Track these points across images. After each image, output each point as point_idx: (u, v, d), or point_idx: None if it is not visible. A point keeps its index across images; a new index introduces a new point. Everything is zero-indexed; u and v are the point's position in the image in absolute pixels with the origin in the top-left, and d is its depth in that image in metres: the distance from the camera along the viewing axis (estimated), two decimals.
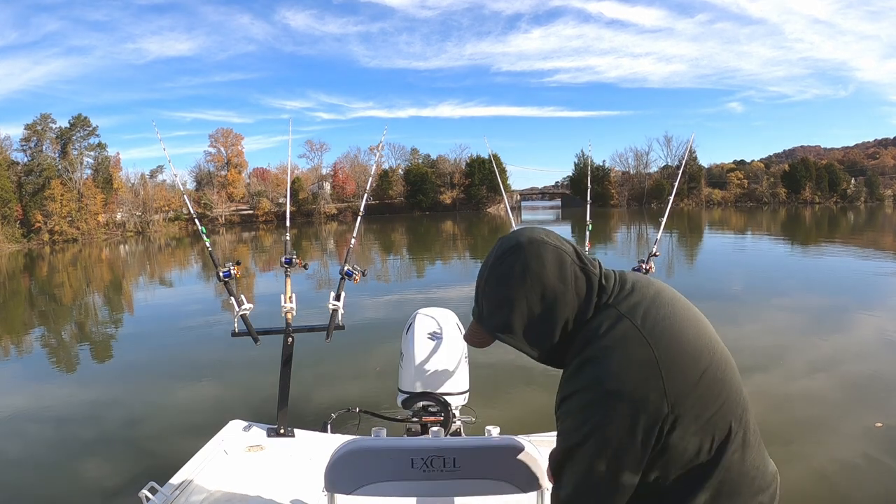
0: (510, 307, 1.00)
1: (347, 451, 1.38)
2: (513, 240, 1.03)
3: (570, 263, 1.00)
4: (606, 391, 0.91)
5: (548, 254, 1.00)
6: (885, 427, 4.09)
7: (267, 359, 4.09)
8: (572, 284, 1.00)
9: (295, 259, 2.84)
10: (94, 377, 6.99)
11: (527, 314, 1.00)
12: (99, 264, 27.35)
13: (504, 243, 1.03)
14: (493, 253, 1.04)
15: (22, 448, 4.63)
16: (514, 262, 1.00)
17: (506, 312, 1.00)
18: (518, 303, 0.99)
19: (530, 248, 1.00)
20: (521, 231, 1.05)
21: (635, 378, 0.91)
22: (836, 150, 73.61)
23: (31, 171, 47.45)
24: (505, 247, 1.02)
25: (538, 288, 0.98)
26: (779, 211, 49.68)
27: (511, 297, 0.99)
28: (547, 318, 0.99)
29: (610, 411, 0.91)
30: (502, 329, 1.02)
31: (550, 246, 1.01)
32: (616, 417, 0.91)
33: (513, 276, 0.99)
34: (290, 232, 3.04)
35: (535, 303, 0.99)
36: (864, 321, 7.76)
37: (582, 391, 0.94)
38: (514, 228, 1.13)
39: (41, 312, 13.24)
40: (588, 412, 0.93)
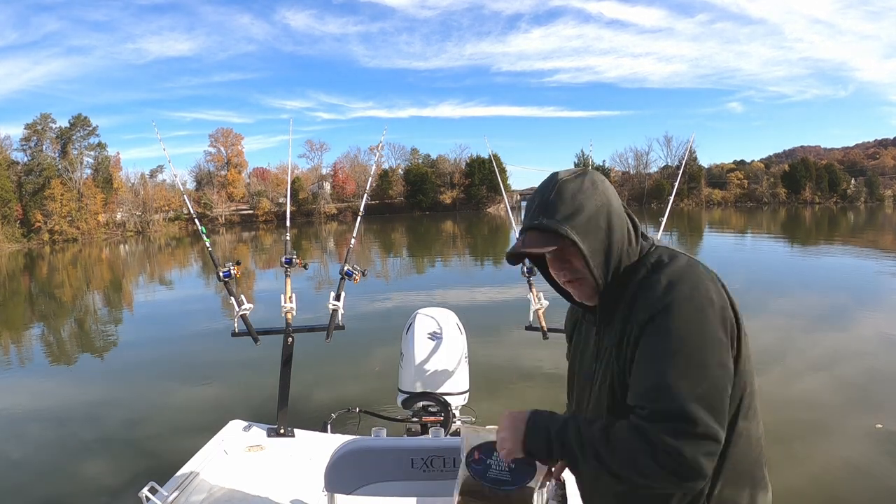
0: (583, 210, 1.03)
1: (347, 451, 1.38)
2: (577, 169, 1.10)
3: (622, 203, 1.10)
4: (703, 299, 0.97)
5: (608, 183, 1.09)
6: (885, 429, 4.08)
7: (267, 359, 4.09)
8: (626, 216, 1.08)
9: (295, 259, 2.84)
10: (94, 377, 6.99)
11: (595, 220, 1.03)
12: (99, 264, 27.35)
13: (568, 170, 1.10)
14: (559, 175, 1.07)
15: (22, 448, 4.63)
16: (584, 178, 1.06)
17: (580, 216, 1.02)
18: (590, 208, 1.03)
19: (594, 173, 1.09)
20: (578, 167, 1.13)
21: (717, 291, 0.99)
22: (836, 151, 73.50)
23: (31, 170, 47.43)
24: (572, 171, 1.09)
25: (604, 200, 1.05)
26: (779, 211, 49.67)
27: (585, 203, 1.03)
28: (614, 230, 1.04)
29: (710, 314, 0.96)
30: (572, 222, 1.02)
31: (608, 182, 1.10)
32: (716, 319, 0.96)
33: (583, 187, 1.05)
34: (290, 232, 3.04)
35: (604, 214, 1.04)
36: (864, 321, 7.76)
37: (677, 303, 0.95)
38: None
39: (41, 312, 13.24)
40: (692, 320, 0.95)
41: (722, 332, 0.96)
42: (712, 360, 0.93)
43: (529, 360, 6.11)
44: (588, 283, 1.06)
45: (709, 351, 0.94)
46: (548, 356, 5.95)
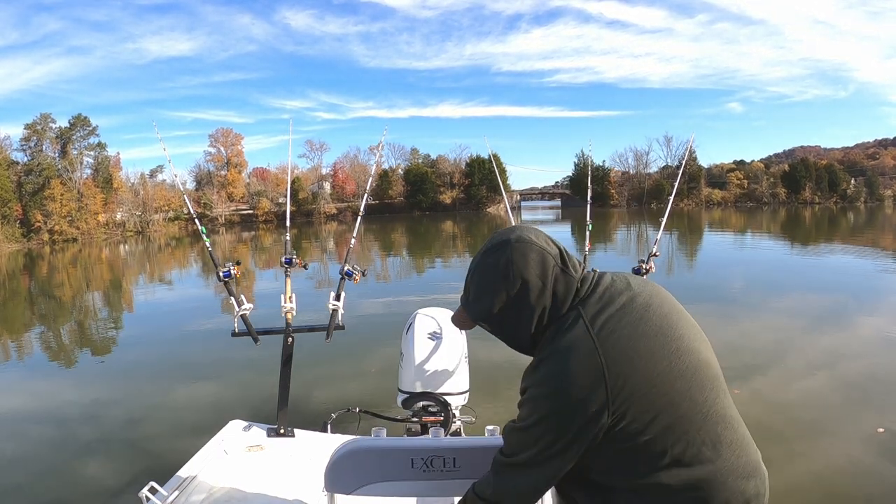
0: (490, 297, 1.10)
1: (347, 451, 1.38)
2: (503, 236, 1.12)
3: (553, 266, 1.09)
4: (553, 389, 1.03)
5: (532, 253, 1.09)
6: (886, 432, 4.08)
7: (267, 359, 4.10)
8: (551, 284, 1.09)
9: (295, 259, 2.84)
10: (94, 377, 6.99)
11: (504, 306, 1.10)
12: (99, 264, 27.35)
13: (494, 238, 1.13)
14: (485, 246, 1.14)
15: (22, 448, 4.63)
16: (500, 256, 1.09)
17: (486, 302, 1.11)
18: (498, 295, 1.09)
19: (517, 246, 1.09)
20: (513, 229, 1.14)
21: (580, 382, 1.01)
22: (835, 151, 73.51)
23: (31, 170, 47.44)
24: (495, 242, 1.12)
25: (517, 283, 1.08)
26: (778, 211, 49.68)
27: (492, 289, 1.10)
28: (522, 311, 1.09)
29: (555, 407, 1.03)
30: (482, 316, 1.13)
31: (536, 247, 1.10)
32: (559, 413, 1.03)
33: (497, 270, 1.09)
34: (290, 232, 3.03)
35: (513, 296, 1.09)
36: (864, 321, 7.77)
37: (534, 386, 1.07)
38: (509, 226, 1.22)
39: (41, 312, 13.24)
40: (538, 404, 1.06)
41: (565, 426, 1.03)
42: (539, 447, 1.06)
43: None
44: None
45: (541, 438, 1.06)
46: None
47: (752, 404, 4.60)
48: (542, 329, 1.11)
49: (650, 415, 1.01)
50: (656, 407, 1.01)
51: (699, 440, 1.02)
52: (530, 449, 1.07)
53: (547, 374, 1.05)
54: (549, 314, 1.10)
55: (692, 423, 1.02)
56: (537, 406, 1.06)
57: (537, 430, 1.06)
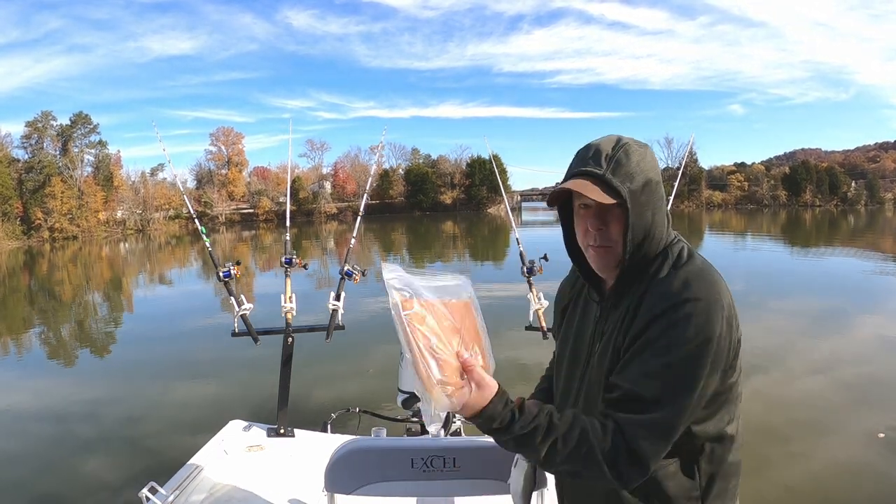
0: (643, 176, 1.02)
1: (347, 451, 1.39)
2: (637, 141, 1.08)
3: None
4: (720, 300, 0.96)
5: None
6: (887, 435, 4.07)
7: (267, 359, 4.09)
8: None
9: (295, 259, 2.84)
10: (94, 376, 6.99)
11: (648, 192, 1.02)
12: (99, 262, 27.35)
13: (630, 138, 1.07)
14: (623, 137, 1.06)
15: (22, 447, 4.63)
16: (647, 149, 1.06)
17: (639, 178, 1.01)
18: (645, 179, 1.02)
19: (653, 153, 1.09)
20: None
21: (729, 299, 0.99)
22: (836, 153, 73.48)
23: (32, 168, 47.44)
24: (632, 139, 1.07)
25: (658, 178, 1.05)
26: (779, 213, 49.67)
27: (646, 171, 1.02)
28: (656, 208, 1.03)
29: (720, 323, 0.94)
30: (632, 186, 1.00)
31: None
32: (725, 330, 0.95)
33: (646, 157, 1.04)
34: (291, 231, 3.04)
35: (656, 189, 1.04)
36: (864, 323, 7.77)
37: (696, 300, 0.94)
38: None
39: (41, 310, 13.24)
40: (705, 317, 0.93)
41: (725, 342, 0.96)
42: (698, 383, 0.93)
43: (529, 360, 6.10)
44: (613, 255, 1.03)
45: (701, 369, 0.93)
46: (548, 356, 5.92)
47: (752, 405, 4.60)
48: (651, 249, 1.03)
49: (737, 369, 1.04)
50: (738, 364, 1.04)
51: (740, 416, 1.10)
52: (697, 382, 0.93)
53: (707, 286, 0.96)
54: (662, 235, 1.05)
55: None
56: (707, 318, 0.93)
57: (704, 356, 0.92)
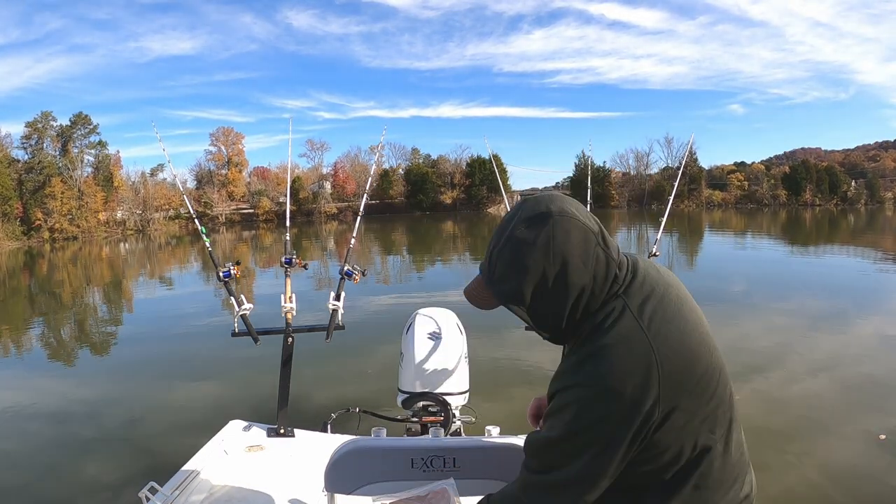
0: (525, 276, 0.95)
1: (347, 451, 1.38)
2: (542, 206, 0.96)
3: (594, 245, 0.96)
4: (605, 388, 0.91)
5: (575, 231, 0.94)
6: (888, 437, 4.07)
7: (267, 359, 4.09)
8: (592, 266, 0.95)
9: (295, 259, 2.84)
10: (94, 376, 6.99)
11: (540, 288, 0.95)
12: (99, 262, 27.35)
13: (532, 207, 0.97)
14: (519, 214, 0.97)
15: (22, 447, 4.63)
16: (539, 230, 0.94)
17: (519, 281, 0.95)
18: (533, 275, 0.94)
19: (560, 220, 0.94)
20: (551, 198, 0.98)
21: (633, 381, 0.90)
22: (836, 153, 73.51)
23: (32, 168, 47.47)
24: (533, 212, 0.96)
25: (558, 263, 0.93)
26: (779, 213, 49.66)
27: (528, 266, 0.94)
28: (560, 296, 0.95)
29: (606, 410, 0.91)
30: (511, 298, 0.98)
31: (579, 223, 0.95)
32: (611, 416, 0.91)
33: (536, 245, 0.93)
34: (291, 231, 3.04)
35: (552, 278, 0.94)
36: (864, 322, 7.77)
37: (580, 386, 0.93)
38: (540, 193, 1.11)
39: (41, 310, 13.24)
40: (585, 407, 0.92)
41: (616, 431, 0.92)
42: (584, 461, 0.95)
43: (529, 360, 6.11)
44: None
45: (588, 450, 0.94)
46: (548, 356, 5.95)
47: (752, 405, 4.60)
48: (579, 317, 0.98)
49: (691, 412, 0.95)
50: (698, 403, 0.96)
51: (719, 436, 0.99)
52: (575, 461, 0.94)
53: (597, 371, 0.92)
54: (587, 301, 0.97)
55: (717, 420, 0.99)
56: (584, 409, 0.92)
57: (585, 438, 0.93)
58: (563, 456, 0.95)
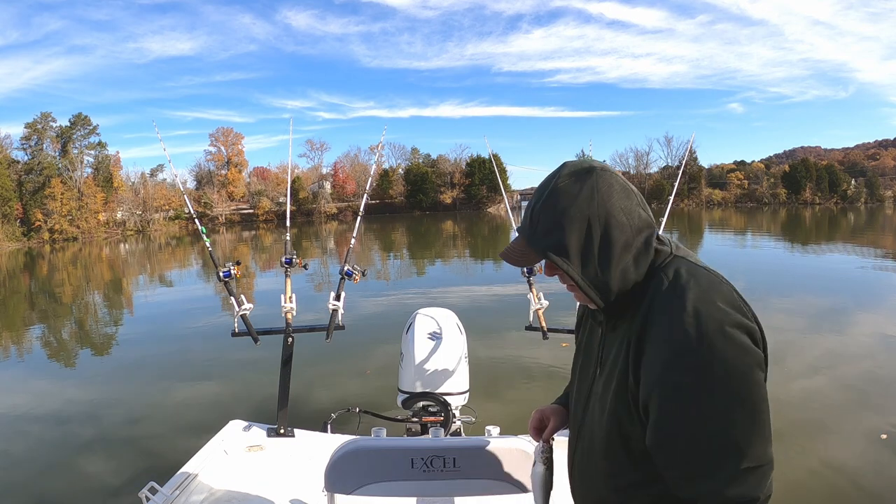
0: (570, 228, 0.93)
1: (347, 451, 1.39)
2: (585, 162, 0.97)
3: (636, 204, 0.96)
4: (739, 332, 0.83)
5: (617, 185, 0.95)
6: (889, 436, 4.07)
7: (267, 359, 4.10)
8: (636, 223, 0.94)
9: (295, 259, 2.84)
10: (94, 376, 6.99)
11: (586, 240, 0.93)
12: (99, 263, 27.35)
13: (576, 164, 0.97)
14: (562, 170, 0.97)
15: (22, 447, 4.63)
16: (583, 182, 0.94)
17: (565, 233, 0.93)
18: (579, 225, 0.92)
19: (603, 174, 0.95)
20: (591, 159, 0.99)
21: (749, 324, 0.85)
22: (836, 151, 73.56)
23: (32, 169, 47.45)
24: (577, 167, 0.96)
25: (603, 215, 0.92)
26: (779, 212, 49.66)
27: (573, 218, 0.93)
28: (607, 249, 0.92)
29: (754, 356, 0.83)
30: (556, 249, 0.94)
31: (622, 179, 0.97)
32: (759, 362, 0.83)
33: (580, 196, 0.93)
34: (291, 231, 3.04)
35: (597, 230, 0.92)
36: (864, 321, 7.77)
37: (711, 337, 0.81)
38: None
39: (41, 311, 13.24)
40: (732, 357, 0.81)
41: (760, 371, 0.84)
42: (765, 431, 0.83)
43: (529, 360, 6.11)
44: (580, 294, 0.98)
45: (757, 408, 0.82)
46: (548, 356, 5.95)
47: None
48: (631, 279, 0.94)
49: None
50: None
51: None
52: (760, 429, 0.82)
53: (710, 319, 0.82)
54: (636, 260, 0.93)
55: None
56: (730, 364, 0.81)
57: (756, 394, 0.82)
58: (746, 434, 0.82)
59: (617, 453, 0.96)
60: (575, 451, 1.11)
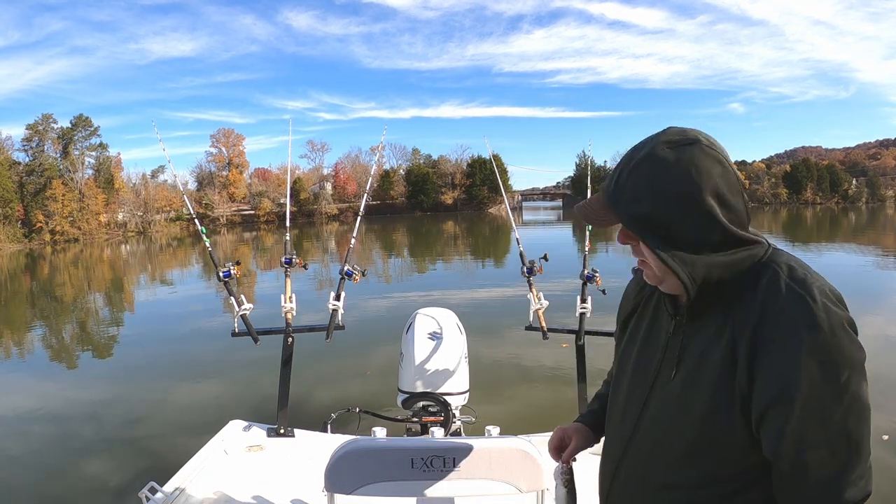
0: (661, 199, 0.83)
1: (347, 451, 1.38)
2: (690, 132, 0.87)
3: (738, 191, 0.85)
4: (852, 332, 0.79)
5: (721, 166, 0.84)
6: (890, 439, 4.06)
7: (267, 359, 4.09)
8: (733, 209, 0.84)
9: (295, 259, 2.85)
10: (95, 377, 7.00)
11: (675, 213, 0.83)
12: (100, 264, 27.39)
13: (679, 131, 0.87)
14: (661, 136, 0.87)
15: (23, 447, 4.64)
16: (684, 153, 0.83)
17: (654, 204, 0.84)
18: (672, 199, 0.83)
19: (708, 149, 0.84)
20: (697, 131, 0.88)
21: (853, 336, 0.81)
22: (837, 151, 73.63)
23: (33, 171, 47.56)
24: (680, 135, 0.86)
25: (699, 192, 0.82)
26: (780, 211, 49.64)
27: (667, 189, 0.83)
28: (696, 229, 0.83)
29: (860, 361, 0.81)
30: (642, 222, 0.85)
31: (728, 161, 0.86)
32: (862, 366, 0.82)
33: (678, 167, 0.83)
34: (291, 232, 3.04)
35: (690, 207, 0.83)
36: (865, 321, 7.75)
37: (841, 335, 0.78)
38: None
39: (42, 312, 13.26)
40: (858, 358, 0.80)
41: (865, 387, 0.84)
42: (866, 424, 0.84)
43: (529, 360, 6.10)
44: (651, 273, 0.90)
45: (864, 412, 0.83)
46: (548, 356, 5.94)
47: None
48: (717, 266, 0.84)
49: None
50: None
51: None
52: (865, 437, 0.83)
53: (838, 314, 0.78)
54: (731, 248, 0.84)
55: None
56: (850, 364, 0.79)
57: (862, 388, 0.82)
58: (866, 430, 0.83)
59: (704, 462, 0.86)
60: (623, 455, 0.98)
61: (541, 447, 1.33)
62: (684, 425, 0.87)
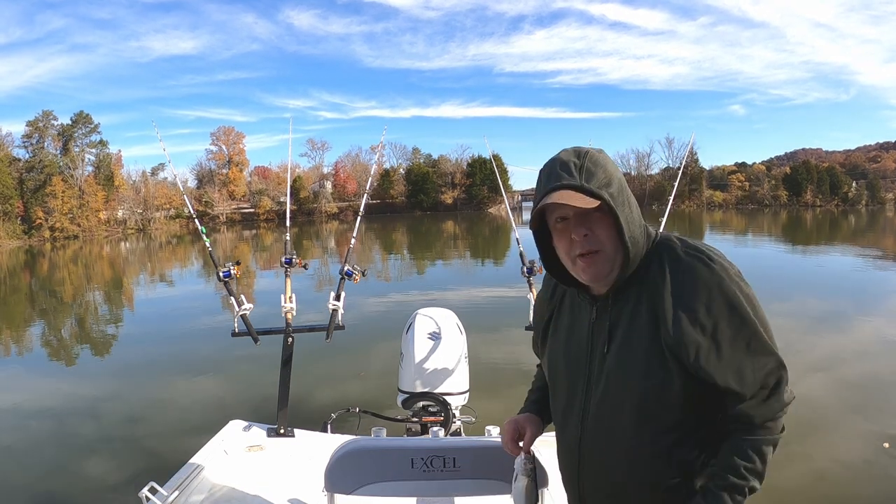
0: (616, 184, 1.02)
1: (347, 451, 1.39)
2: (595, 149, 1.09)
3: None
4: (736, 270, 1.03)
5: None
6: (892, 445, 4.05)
7: (267, 359, 4.09)
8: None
9: (295, 259, 2.84)
10: (95, 376, 7.00)
11: (623, 192, 1.02)
12: (100, 261, 27.37)
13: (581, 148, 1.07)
14: (580, 148, 1.06)
15: (23, 447, 4.64)
16: (605, 154, 1.05)
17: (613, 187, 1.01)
18: (617, 179, 1.02)
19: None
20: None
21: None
22: (837, 154, 73.49)
23: (33, 167, 47.48)
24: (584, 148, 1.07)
25: (622, 178, 1.05)
26: (780, 214, 49.62)
27: (612, 173, 1.02)
28: (631, 205, 1.04)
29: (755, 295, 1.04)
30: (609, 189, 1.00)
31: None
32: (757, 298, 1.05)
33: (609, 161, 1.04)
34: (291, 231, 3.04)
35: (626, 187, 1.04)
36: (865, 323, 7.76)
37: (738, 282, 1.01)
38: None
39: (42, 309, 13.25)
40: (753, 300, 1.02)
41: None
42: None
43: (529, 360, 6.08)
44: (604, 259, 1.01)
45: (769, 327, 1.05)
46: None
47: None
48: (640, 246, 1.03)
49: None
50: None
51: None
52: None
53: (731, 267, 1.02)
54: (641, 230, 1.05)
55: None
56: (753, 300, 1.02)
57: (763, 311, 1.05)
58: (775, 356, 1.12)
59: (655, 417, 0.98)
60: (580, 441, 1.07)
61: (541, 447, 1.34)
62: (629, 389, 0.99)
